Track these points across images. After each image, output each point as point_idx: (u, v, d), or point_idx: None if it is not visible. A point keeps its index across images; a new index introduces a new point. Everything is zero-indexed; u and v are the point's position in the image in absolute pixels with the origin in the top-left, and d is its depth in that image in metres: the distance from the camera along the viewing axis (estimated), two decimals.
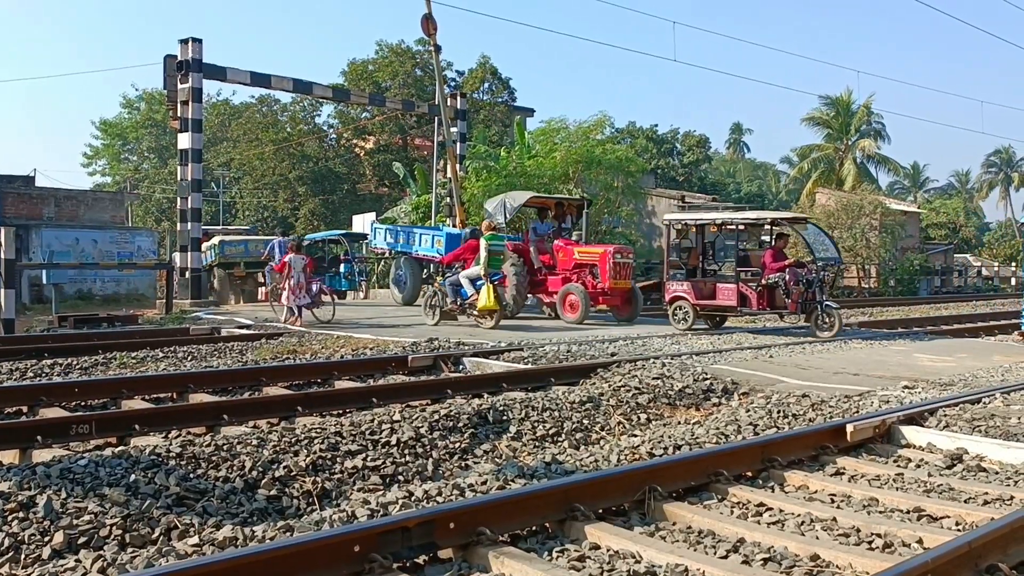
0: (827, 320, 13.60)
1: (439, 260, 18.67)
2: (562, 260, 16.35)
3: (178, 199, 21.31)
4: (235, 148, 50.09)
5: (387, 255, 21.93)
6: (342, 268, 23.60)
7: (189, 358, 10.65)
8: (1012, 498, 4.76)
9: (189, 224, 20.24)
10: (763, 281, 13.80)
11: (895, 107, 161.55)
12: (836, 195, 41.21)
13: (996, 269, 49.66)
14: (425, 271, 20.08)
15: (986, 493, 4.88)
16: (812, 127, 56.78)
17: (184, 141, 20.19)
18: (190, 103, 19.86)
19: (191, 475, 5.09)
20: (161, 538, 4.23)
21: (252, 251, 24.66)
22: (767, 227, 14.87)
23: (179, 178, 20.97)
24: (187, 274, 20.21)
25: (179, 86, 19.89)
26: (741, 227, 14.47)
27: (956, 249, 50.84)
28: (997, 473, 5.40)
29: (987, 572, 3.51)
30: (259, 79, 21.70)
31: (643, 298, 17.63)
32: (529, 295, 16.74)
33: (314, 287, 15.06)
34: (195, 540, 3.90)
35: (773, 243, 14.41)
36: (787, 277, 13.60)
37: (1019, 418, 6.70)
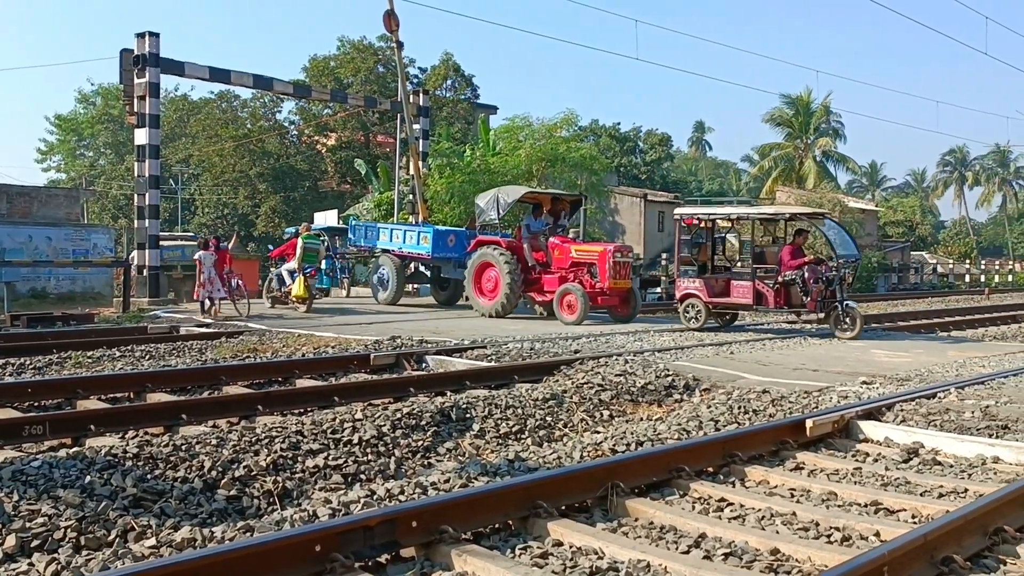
0: (847, 320, 13.18)
1: (425, 257, 18.54)
2: (558, 258, 15.84)
3: (135, 196, 20.95)
4: (194, 144, 49.42)
5: (369, 254, 21.21)
6: (323, 264, 23.29)
7: (147, 357, 10.48)
8: (966, 491, 4.85)
9: (147, 221, 19.90)
10: (780, 278, 13.32)
11: (854, 107, 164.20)
12: (796, 193, 41.81)
13: (951, 266, 50.59)
14: (408, 269, 19.48)
15: (941, 486, 4.97)
16: (773, 126, 57.49)
17: (141, 137, 19.84)
18: (147, 98, 19.51)
19: (148, 476, 5.01)
20: (117, 540, 4.15)
21: (188, 255, 24.51)
22: (783, 223, 14.44)
23: (136, 174, 20.61)
24: (145, 272, 19.88)
25: (136, 81, 19.53)
26: (757, 222, 14.00)
27: (912, 247, 51.74)
28: (952, 466, 5.50)
29: (942, 564, 3.57)
30: (218, 74, 21.39)
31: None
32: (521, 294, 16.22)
33: (234, 282, 16.71)
34: (152, 542, 3.84)
35: (792, 239, 13.89)
36: (806, 274, 13.13)
37: (972, 412, 6.84)
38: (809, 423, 6.04)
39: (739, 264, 14.84)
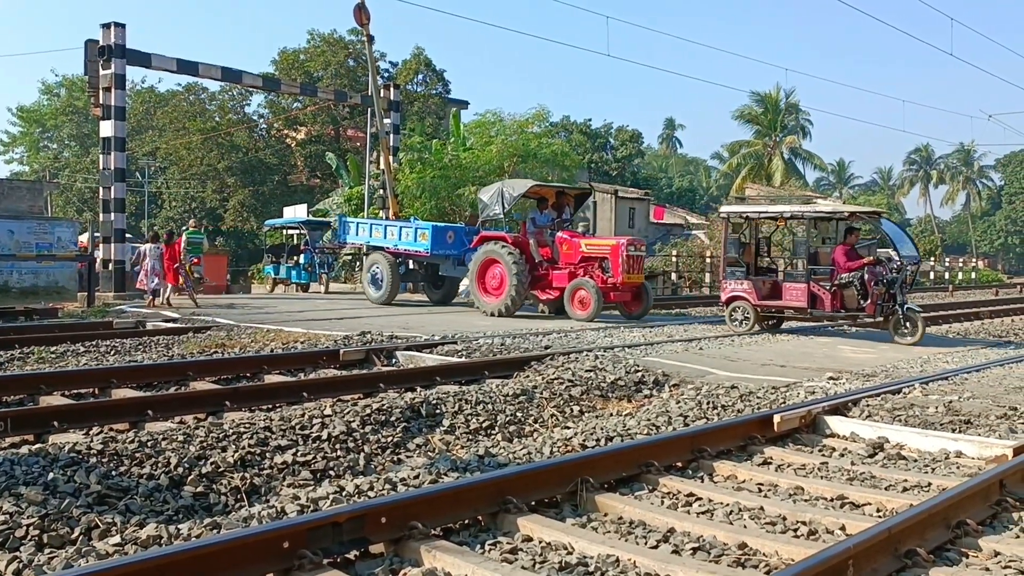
0: (907, 324, 12.47)
1: (424, 255, 17.75)
2: (566, 253, 15.34)
3: (100, 189, 20.65)
4: (161, 137, 48.77)
5: (361, 251, 19.98)
6: (301, 259, 22.26)
7: (112, 352, 10.34)
8: (930, 485, 4.92)
9: (112, 215, 19.63)
10: (836, 280, 12.54)
11: (822, 105, 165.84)
12: (765, 190, 42.14)
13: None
14: (403, 267, 18.53)
15: (905, 480, 5.04)
16: (742, 124, 57.95)
17: (106, 129, 19.56)
18: (112, 90, 19.24)
19: (113, 473, 4.94)
20: (81, 538, 4.08)
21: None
22: (836, 221, 13.69)
23: (101, 167, 20.31)
24: (111, 266, 19.61)
25: (101, 72, 19.24)
26: (811, 220, 13.26)
27: (879, 244, 52.41)
28: (916, 461, 5.58)
29: (906, 556, 3.62)
30: (186, 66, 21.15)
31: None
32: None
33: (195, 273, 18.29)
34: (117, 540, 3.79)
35: (844, 238, 13.12)
36: (865, 276, 12.38)
37: (936, 407, 6.94)
38: (777, 418, 6.10)
39: (785, 265, 14.15)
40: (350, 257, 25.49)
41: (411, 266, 18.78)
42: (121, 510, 4.48)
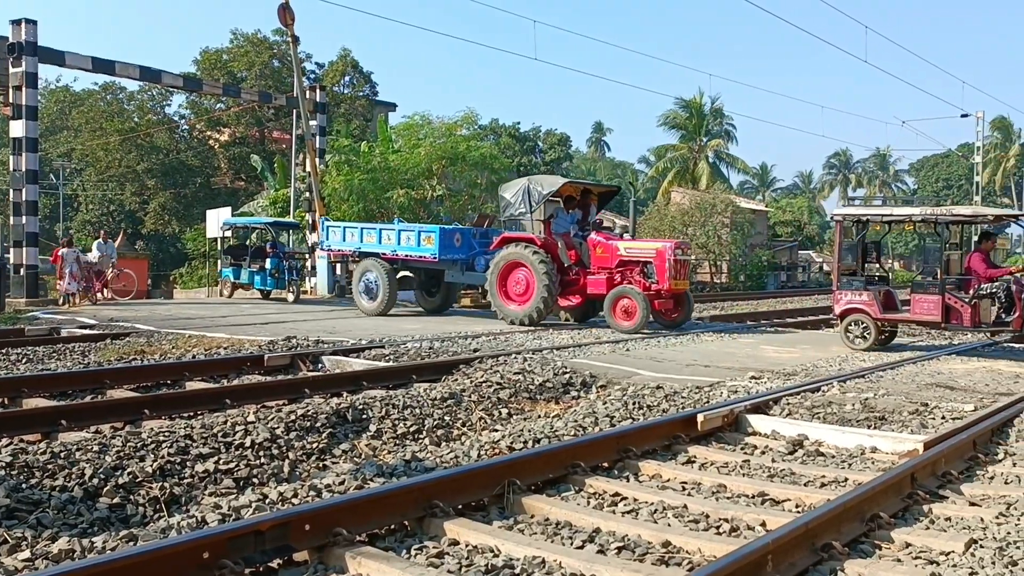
0: None
1: (430, 260, 16.13)
2: (600, 257, 14.20)
3: (11, 191, 19.88)
4: (77, 138, 47.17)
5: (350, 257, 18.11)
6: (268, 263, 20.50)
7: (24, 361, 9.96)
8: (847, 480, 5.07)
9: (24, 218, 18.93)
10: (974, 291, 11.18)
11: (745, 110, 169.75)
12: (691, 194, 42.85)
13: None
14: (400, 274, 16.70)
15: (823, 476, 5.18)
16: (668, 129, 58.84)
17: (17, 129, 18.86)
18: (23, 88, 18.57)
19: (24, 485, 4.76)
20: None
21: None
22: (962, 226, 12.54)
23: (12, 169, 19.58)
24: (22, 271, 18.90)
25: (11, 70, 18.54)
26: (945, 225, 11.81)
27: (800, 246, 53.74)
28: (834, 457, 5.75)
29: (822, 550, 3.72)
30: (102, 65, 20.51)
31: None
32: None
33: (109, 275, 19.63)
34: (27, 554, 3.66)
35: (979, 244, 12.01)
36: (1013, 287, 11.03)
37: (853, 405, 7.16)
38: (700, 418, 6.21)
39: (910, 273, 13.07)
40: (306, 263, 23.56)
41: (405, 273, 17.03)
42: (32, 524, 4.31)
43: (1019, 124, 73.31)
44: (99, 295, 20.09)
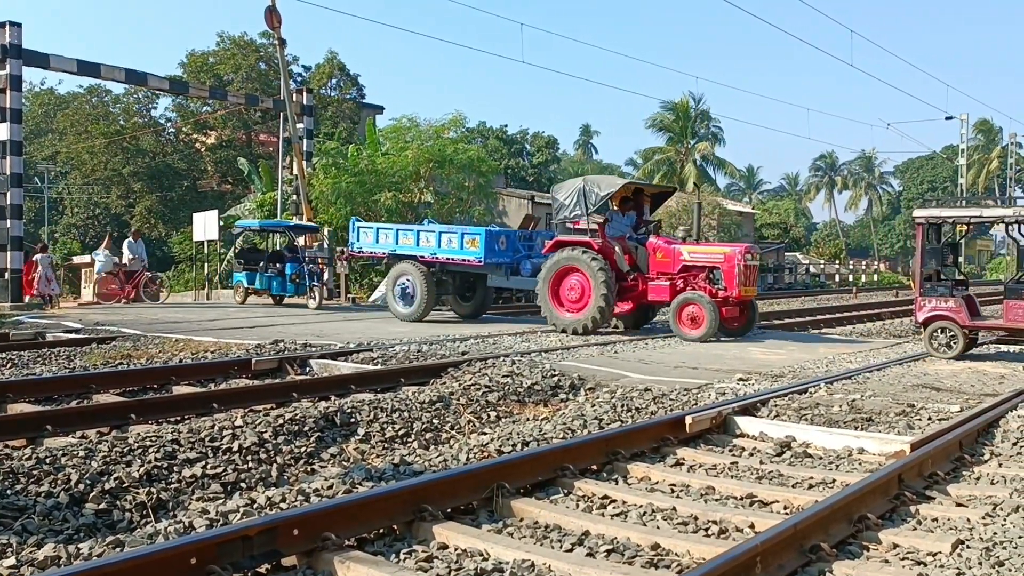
0: None
1: (475, 264, 15.40)
2: (660, 262, 13.61)
3: None
4: (62, 141, 46.88)
5: (381, 260, 17.62)
6: (287, 269, 19.49)
7: (8, 365, 9.88)
8: (834, 481, 5.09)
9: (8, 222, 18.78)
10: None
11: (732, 113, 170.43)
12: (678, 196, 42.92)
13: (822, 267, 53.03)
14: (436, 277, 15.88)
15: (811, 477, 5.20)
16: (655, 131, 59.01)
17: (1, 132, 18.71)
18: (8, 91, 18.43)
19: (8, 491, 4.72)
20: None
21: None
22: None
23: None
24: (7, 275, 18.76)
25: None
26: None
27: (787, 248, 54.02)
28: (821, 458, 5.77)
29: (810, 551, 3.73)
30: (87, 68, 20.38)
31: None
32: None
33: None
34: (12, 561, 3.63)
35: None
36: None
37: (840, 406, 7.19)
38: (688, 420, 6.22)
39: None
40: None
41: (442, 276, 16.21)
42: (17, 530, 4.28)
43: (1002, 126, 73.87)
44: (130, 297, 20.65)
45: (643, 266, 13.83)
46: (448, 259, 15.71)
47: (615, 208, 14.49)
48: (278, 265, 19.76)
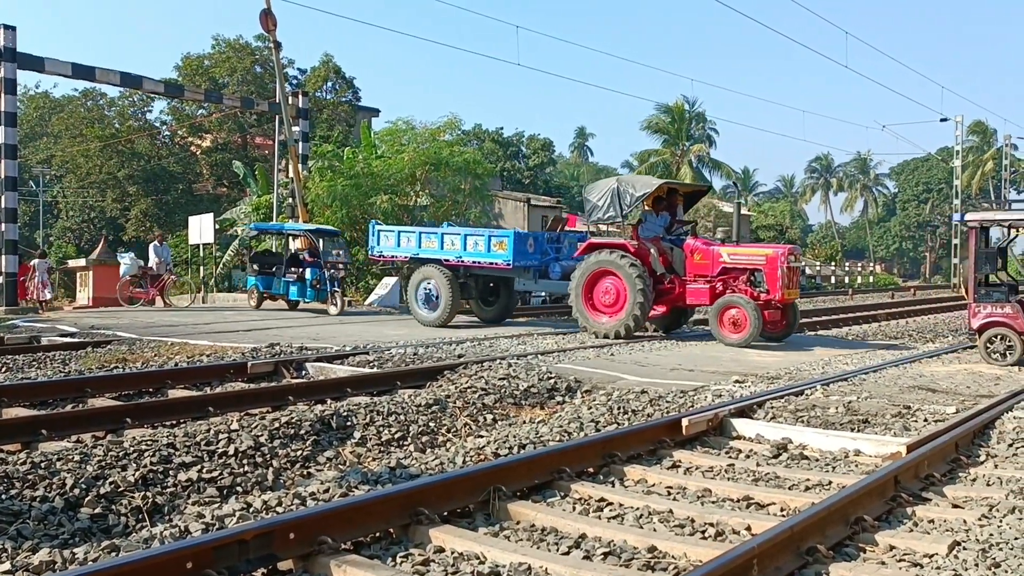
0: None
1: (503, 267, 15.06)
2: (698, 264, 13.32)
3: None
4: (57, 144, 46.81)
5: (402, 264, 17.18)
6: (307, 274, 19.00)
7: (3, 369, 9.86)
8: (831, 483, 5.09)
9: (3, 225, 18.77)
10: None
11: (727, 115, 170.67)
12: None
13: (818, 268, 53.14)
14: (461, 280, 15.55)
15: (808, 479, 5.20)
16: (651, 134, 59.08)
17: None
18: (3, 95, 18.45)
19: (3, 496, 4.71)
20: None
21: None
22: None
23: None
24: (2, 279, 18.73)
25: None
26: None
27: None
28: (818, 460, 5.77)
29: (807, 553, 3.73)
30: (82, 71, 20.39)
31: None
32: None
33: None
34: (7, 566, 3.61)
35: None
36: None
37: (836, 408, 7.20)
38: (685, 422, 6.22)
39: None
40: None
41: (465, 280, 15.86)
42: (12, 535, 4.27)
43: (996, 128, 73.97)
44: (155, 302, 21.01)
45: (679, 268, 13.55)
46: (474, 262, 15.42)
47: (648, 208, 14.20)
48: (296, 270, 19.28)
